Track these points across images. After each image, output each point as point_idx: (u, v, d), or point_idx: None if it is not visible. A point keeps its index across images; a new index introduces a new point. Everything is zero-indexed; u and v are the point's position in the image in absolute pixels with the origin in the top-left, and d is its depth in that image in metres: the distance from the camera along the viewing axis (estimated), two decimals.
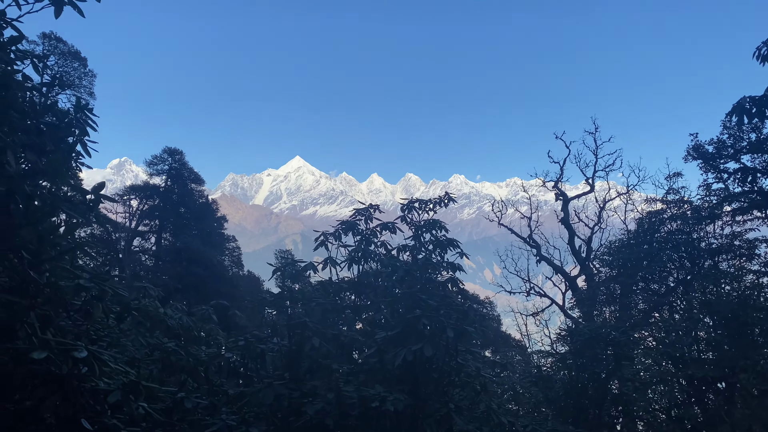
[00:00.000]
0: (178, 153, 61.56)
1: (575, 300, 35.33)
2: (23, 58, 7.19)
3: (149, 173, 61.11)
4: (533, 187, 50.79)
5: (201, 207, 61.26)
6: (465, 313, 13.14)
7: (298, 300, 13.21)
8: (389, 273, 15.42)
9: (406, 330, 11.38)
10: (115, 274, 46.51)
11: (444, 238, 17.52)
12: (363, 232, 16.60)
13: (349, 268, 15.75)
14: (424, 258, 16.31)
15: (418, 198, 18.58)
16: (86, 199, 7.14)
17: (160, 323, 11.71)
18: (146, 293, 12.25)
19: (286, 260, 15.53)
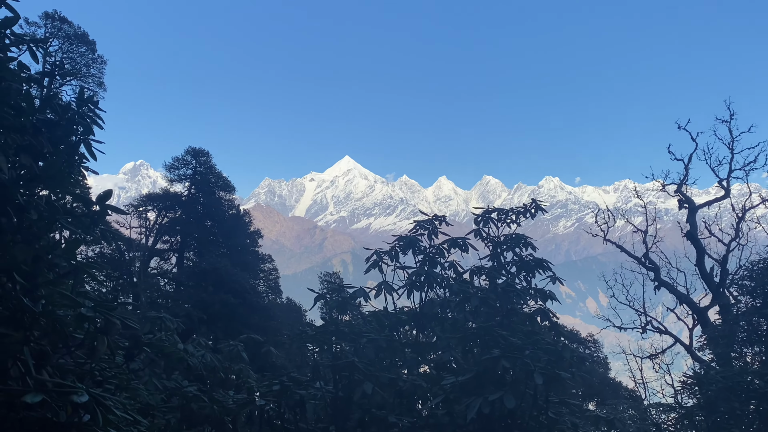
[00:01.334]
0: (204, 154, 63.46)
1: (706, 338, 33.89)
2: (19, 43, 7.51)
3: (169, 179, 63.18)
4: (649, 192, 49.08)
5: (231, 220, 62.82)
6: (559, 354, 12.81)
7: (346, 335, 13.26)
8: (460, 302, 15.29)
9: (482, 375, 11.22)
10: (126, 301, 48.16)
11: (531, 258, 17.25)
12: (426, 250, 16.56)
13: (409, 296, 15.73)
14: (505, 283, 16.10)
15: (497, 207, 18.39)
16: (91, 210, 7.41)
17: (179, 362, 12.02)
18: (163, 325, 12.60)
19: (332, 285, 15.67)
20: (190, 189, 62.87)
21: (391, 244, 16.50)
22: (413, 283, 15.77)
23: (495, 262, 17.62)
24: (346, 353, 13.00)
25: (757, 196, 40.71)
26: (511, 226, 18.34)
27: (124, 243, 54.54)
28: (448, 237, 16.96)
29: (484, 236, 18.15)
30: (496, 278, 16.81)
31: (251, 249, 64.67)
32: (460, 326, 14.69)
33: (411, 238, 16.55)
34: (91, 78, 53.01)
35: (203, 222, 61.98)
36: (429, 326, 15.73)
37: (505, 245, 17.59)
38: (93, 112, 8.05)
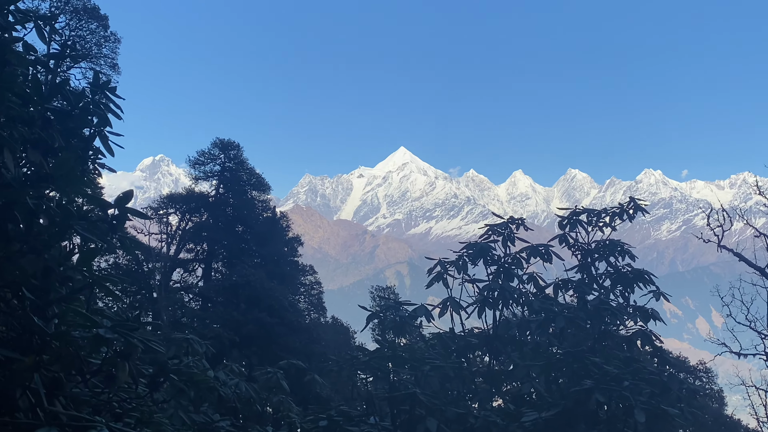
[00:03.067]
0: (234, 147, 64.44)
1: None
2: (24, 21, 7.71)
3: (193, 177, 64.36)
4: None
5: (266, 224, 63.70)
6: (664, 387, 12.55)
7: (406, 361, 13.28)
8: (542, 322, 15.14)
9: (571, 410, 11.10)
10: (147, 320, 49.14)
11: (629, 270, 16.98)
12: (501, 260, 16.47)
13: (480, 315, 15.67)
14: (598, 300, 15.90)
15: (586, 207, 18.14)
16: (108, 214, 7.58)
17: (209, 392, 12.21)
18: (191, 349, 12.84)
19: (386, 302, 15.71)
20: (218, 188, 63.88)
21: (457, 252, 16.43)
22: (485, 300, 15.68)
23: (584, 275, 17.41)
24: (406, 383, 13.01)
25: None
26: (603, 230, 18.09)
27: (143, 252, 55.54)
28: (527, 244, 16.81)
29: (571, 243, 17.95)
30: (585, 294, 16.61)
31: (290, 258, 65.41)
32: (542, 352, 14.54)
33: (482, 246, 16.44)
34: (104, 59, 54.41)
35: (233, 227, 62.92)
36: (504, 351, 15.63)
37: (597, 254, 17.35)
38: (109, 99, 8.22)
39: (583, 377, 11.70)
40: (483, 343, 15.70)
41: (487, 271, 16.52)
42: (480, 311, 15.70)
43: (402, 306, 15.52)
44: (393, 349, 13.37)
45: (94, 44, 53.97)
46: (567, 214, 17.95)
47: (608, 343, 15.70)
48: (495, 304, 15.77)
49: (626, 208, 17.96)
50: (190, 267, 62.50)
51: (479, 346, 15.83)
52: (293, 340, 50.89)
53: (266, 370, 15.26)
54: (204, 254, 62.17)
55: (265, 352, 48.23)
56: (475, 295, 16.04)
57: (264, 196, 65.14)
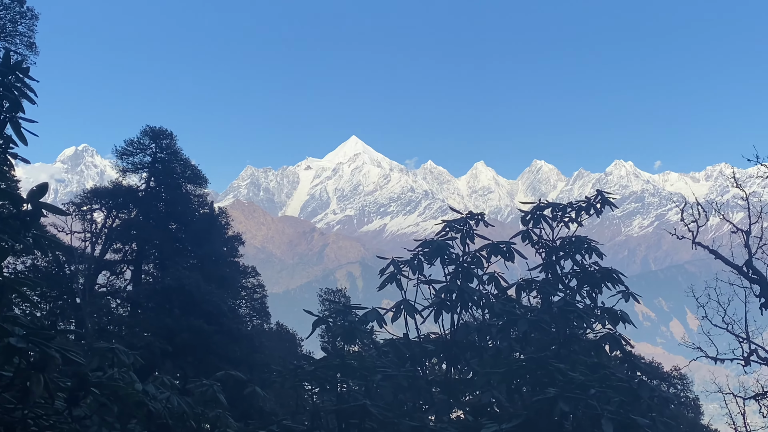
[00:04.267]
0: (166, 136, 63.62)
1: None
2: None
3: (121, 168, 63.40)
4: (753, 179, 48.64)
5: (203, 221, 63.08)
6: (634, 394, 12.74)
7: (355, 371, 13.28)
8: (504, 326, 15.27)
9: (534, 421, 11.19)
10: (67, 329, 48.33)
11: (597, 268, 17.20)
12: (459, 259, 16.55)
13: (436, 319, 15.73)
14: (563, 301, 16.08)
15: (551, 201, 18.32)
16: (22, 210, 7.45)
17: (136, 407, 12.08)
18: (116, 360, 12.68)
19: (335, 306, 15.71)
20: (149, 181, 63.06)
21: (412, 251, 16.49)
22: (442, 302, 15.75)
23: (549, 274, 17.59)
24: (356, 394, 13.02)
25: None
26: (570, 226, 18.30)
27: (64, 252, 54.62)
28: (488, 241, 16.92)
29: (535, 240, 18.12)
30: (550, 295, 16.79)
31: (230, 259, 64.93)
32: (504, 358, 14.66)
33: (438, 243, 16.53)
34: (19, 38, 53.18)
35: (166, 225, 62.21)
36: (463, 358, 15.73)
37: (563, 251, 17.55)
38: (22, 82, 8.09)
39: (547, 385, 11.82)
40: (440, 349, 15.78)
41: (445, 271, 16.59)
42: (437, 315, 15.74)
43: (352, 310, 15.51)
44: (341, 357, 13.37)
45: (9, 21, 52.82)
46: (530, 209, 18.11)
47: (575, 347, 15.89)
48: (453, 307, 15.83)
49: (593, 202, 18.17)
50: (117, 269, 61.59)
51: (436, 352, 15.91)
52: (233, 349, 50.54)
53: (202, 383, 15.13)
54: (133, 255, 61.32)
55: (201, 363, 47.80)
56: (431, 297, 16.09)
57: (200, 190, 64.44)
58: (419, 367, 15.42)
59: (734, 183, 45.52)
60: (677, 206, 45.45)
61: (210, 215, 64.77)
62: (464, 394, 15.63)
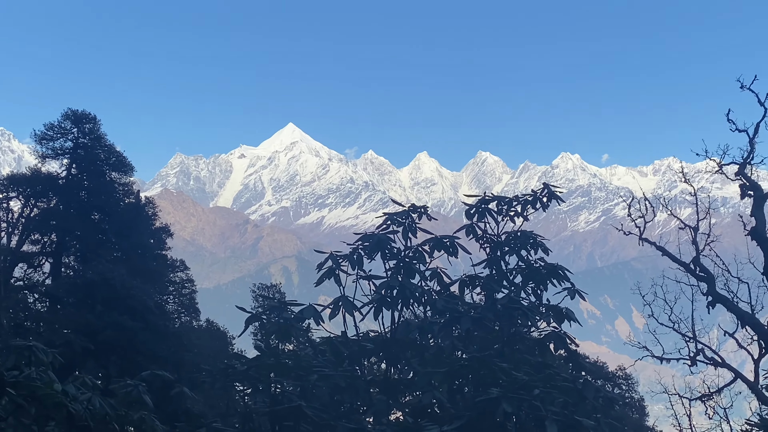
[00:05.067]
0: (90, 120, 62.57)
1: None
2: None
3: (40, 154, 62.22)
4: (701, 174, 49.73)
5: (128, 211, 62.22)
6: (579, 395, 12.93)
7: (290, 370, 13.24)
8: (446, 324, 15.34)
9: (476, 423, 11.28)
10: None
11: (542, 264, 17.37)
12: (400, 254, 16.58)
13: (376, 316, 15.74)
14: (508, 298, 16.20)
15: (496, 194, 18.44)
16: None
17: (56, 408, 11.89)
18: (33, 358, 12.46)
19: (270, 302, 15.63)
20: (70, 168, 61.97)
21: (352, 245, 16.48)
22: (382, 299, 15.77)
23: (493, 270, 17.71)
24: (290, 395, 12.98)
25: None
26: (515, 220, 18.44)
27: None
28: (431, 235, 16.99)
29: (479, 234, 18.22)
30: (494, 291, 16.90)
31: (157, 252, 64.19)
32: (446, 357, 14.76)
33: (379, 237, 16.54)
34: None
35: (89, 215, 61.22)
36: (404, 357, 15.77)
37: (507, 246, 17.68)
38: None
39: (490, 385, 11.93)
40: (379, 348, 15.79)
41: (386, 266, 16.60)
42: (377, 312, 15.75)
43: (287, 306, 15.43)
44: (276, 356, 13.32)
45: None
46: (475, 203, 18.20)
47: (519, 346, 16.04)
48: (394, 304, 15.86)
49: (540, 195, 18.32)
50: (35, 261, 60.42)
51: (375, 351, 15.91)
52: (160, 347, 49.98)
53: (126, 383, 14.95)
54: (53, 246, 60.21)
55: (126, 362, 47.15)
56: (371, 293, 16.10)
57: (126, 178, 63.48)
58: (358, 367, 15.40)
59: (682, 178, 46.41)
60: (624, 201, 46.11)
61: (136, 205, 63.91)
62: (405, 395, 15.68)
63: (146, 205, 65.71)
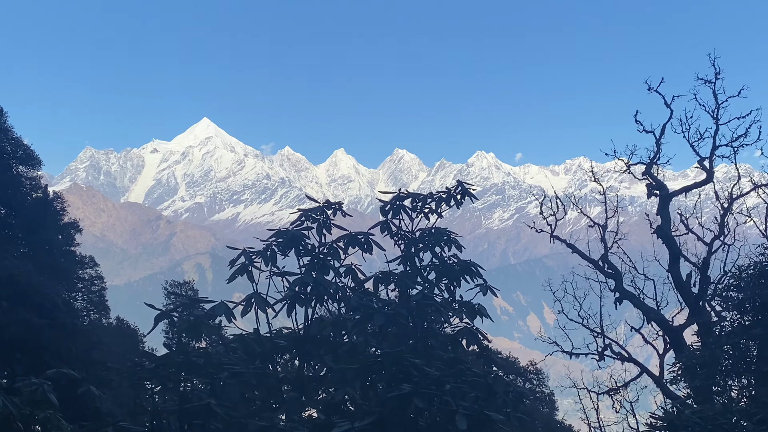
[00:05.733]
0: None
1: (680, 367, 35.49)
2: None
3: None
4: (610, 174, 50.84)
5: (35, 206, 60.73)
6: (489, 390, 13.05)
7: (200, 368, 13.08)
8: (360, 321, 15.34)
9: (388, 419, 11.31)
10: None
11: (455, 261, 17.49)
12: (315, 250, 16.52)
13: (289, 313, 15.65)
14: (422, 295, 16.28)
15: (411, 191, 18.49)
16: None
17: None
18: None
19: (181, 299, 15.41)
20: None
21: (265, 241, 16.35)
22: (296, 296, 15.70)
23: (408, 266, 17.76)
24: (200, 393, 12.81)
25: (747, 180, 42.42)
26: (429, 217, 18.51)
27: None
28: (346, 232, 16.96)
29: (394, 231, 18.26)
30: (409, 288, 16.95)
31: (65, 248, 62.83)
32: (359, 353, 14.74)
33: (293, 234, 16.44)
34: None
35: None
36: (317, 354, 15.71)
37: (422, 243, 17.75)
38: None
39: (402, 381, 11.96)
40: (293, 345, 15.71)
41: (300, 262, 16.52)
42: (290, 309, 15.68)
43: (199, 304, 15.25)
44: (185, 354, 13.13)
45: None
46: (390, 199, 18.23)
47: (432, 342, 16.11)
48: (307, 301, 15.81)
49: (454, 193, 18.41)
50: None
51: (288, 348, 15.82)
52: (67, 345, 48.88)
53: (31, 381, 14.58)
54: None
55: (32, 360, 45.90)
56: (285, 290, 16.00)
57: (33, 172, 61.92)
58: (270, 364, 15.28)
59: (592, 177, 47.37)
60: (537, 199, 46.91)
61: (43, 200, 62.39)
62: (318, 392, 15.63)
63: (54, 200, 64.22)
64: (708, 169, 42.21)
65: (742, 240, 40.69)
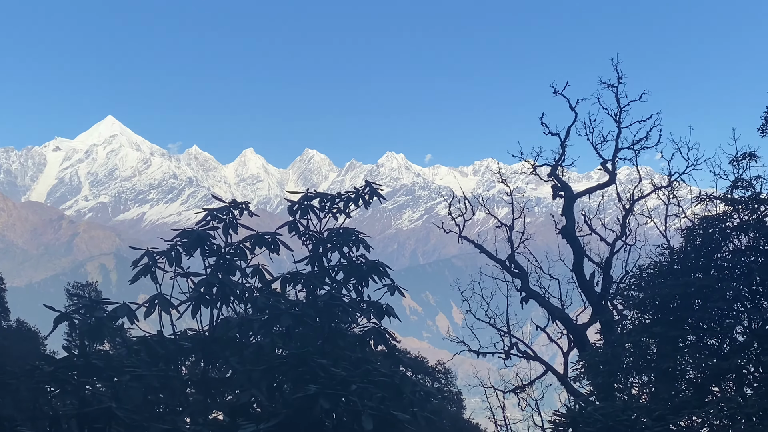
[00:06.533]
0: None
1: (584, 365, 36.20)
2: None
3: None
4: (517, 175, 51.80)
5: None
6: (396, 390, 13.10)
7: (101, 371, 12.80)
8: (266, 322, 15.23)
9: (294, 420, 11.25)
10: None
11: (364, 262, 17.52)
12: (221, 250, 16.35)
13: (194, 314, 15.44)
14: (329, 295, 16.25)
15: (320, 192, 18.45)
16: None
17: None
18: None
19: (84, 301, 15.03)
20: None
21: (170, 241, 16.09)
22: (201, 297, 15.47)
23: (316, 267, 17.73)
24: (101, 397, 12.52)
25: (648, 182, 43.67)
26: (338, 217, 18.51)
27: None
28: (253, 232, 16.82)
29: (302, 231, 18.20)
30: (317, 288, 16.92)
31: None
32: (265, 355, 14.64)
33: (198, 233, 16.21)
34: None
35: None
36: (223, 356, 15.53)
37: (330, 243, 17.73)
38: None
39: (308, 382, 11.91)
40: (198, 347, 15.48)
41: (205, 263, 16.33)
42: (195, 310, 15.46)
43: (100, 305, 14.90)
44: (85, 356, 12.83)
45: None
46: (298, 199, 18.17)
47: (339, 342, 16.11)
48: (213, 302, 15.61)
49: (362, 193, 18.44)
50: None
51: (193, 350, 15.59)
52: None
53: None
54: None
55: None
56: (191, 291, 15.79)
57: None
58: (174, 366, 15.03)
59: (500, 178, 48.10)
60: (446, 200, 47.38)
61: None
62: (224, 394, 15.46)
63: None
64: (611, 171, 43.24)
65: (643, 240, 41.84)
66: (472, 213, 46.62)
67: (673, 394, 29.42)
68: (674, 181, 42.01)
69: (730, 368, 29.32)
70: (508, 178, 47.69)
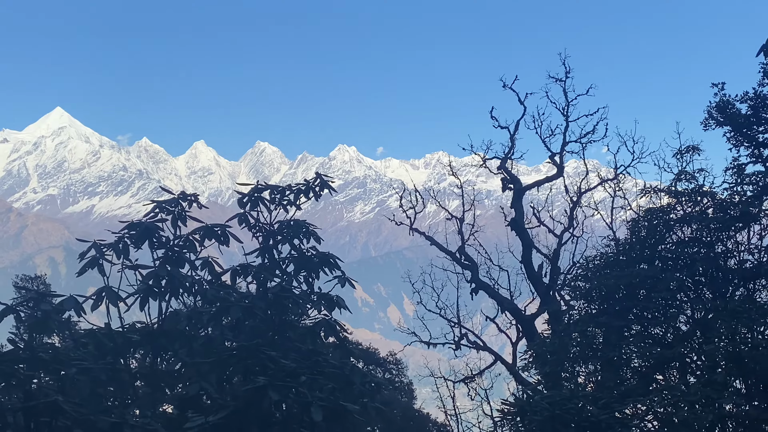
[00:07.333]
0: None
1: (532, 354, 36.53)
2: None
3: None
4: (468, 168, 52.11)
5: None
6: (347, 380, 13.11)
7: (47, 364, 12.61)
8: (216, 314, 15.14)
9: (243, 412, 11.20)
10: None
11: (314, 254, 17.48)
12: (170, 243, 16.19)
13: (143, 307, 15.27)
14: (279, 287, 16.19)
15: (270, 184, 18.36)
16: None
17: None
18: None
19: (30, 293, 14.79)
20: None
21: (117, 233, 15.89)
22: (149, 289, 15.31)
23: (266, 259, 17.66)
24: (47, 390, 12.32)
25: (594, 175, 44.21)
26: (289, 209, 18.45)
27: None
28: (202, 224, 16.68)
29: (253, 223, 18.12)
30: (267, 280, 16.85)
31: None
32: (215, 347, 14.55)
33: (146, 226, 16.02)
34: None
35: None
36: (172, 349, 15.37)
37: (280, 235, 17.67)
38: None
39: (258, 374, 11.87)
40: (146, 339, 15.32)
41: (154, 255, 16.16)
42: (143, 302, 15.28)
43: (47, 298, 14.67)
44: (32, 349, 12.63)
45: None
46: (248, 192, 18.09)
47: (290, 334, 16.08)
48: (162, 294, 15.47)
49: (312, 185, 18.41)
50: None
51: (142, 343, 15.43)
52: None
53: None
54: None
55: None
56: (139, 283, 15.62)
57: None
58: (122, 359, 14.87)
59: (450, 171, 48.35)
60: (397, 193, 47.54)
61: None
62: (173, 386, 15.34)
63: None
64: (558, 164, 43.67)
65: (590, 232, 42.38)
66: (423, 206, 46.86)
67: (619, 382, 29.80)
68: (620, 174, 42.56)
69: (674, 357, 29.77)
70: (459, 171, 47.92)
